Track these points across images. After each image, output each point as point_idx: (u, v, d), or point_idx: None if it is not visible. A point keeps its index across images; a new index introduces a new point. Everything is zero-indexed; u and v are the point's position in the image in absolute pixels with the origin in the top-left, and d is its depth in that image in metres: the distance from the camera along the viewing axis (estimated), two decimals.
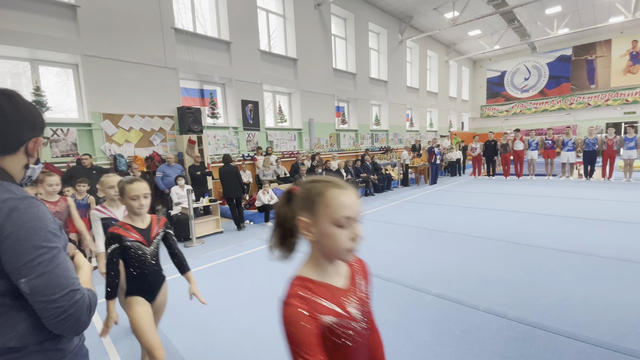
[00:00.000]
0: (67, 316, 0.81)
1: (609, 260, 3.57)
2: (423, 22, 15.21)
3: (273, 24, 10.31)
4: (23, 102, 0.90)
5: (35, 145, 0.93)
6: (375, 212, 6.91)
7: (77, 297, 0.83)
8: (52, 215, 0.89)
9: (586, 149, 9.63)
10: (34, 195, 0.87)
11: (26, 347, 0.83)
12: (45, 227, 0.83)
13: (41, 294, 0.79)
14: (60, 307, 0.80)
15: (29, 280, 0.79)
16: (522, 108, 21.27)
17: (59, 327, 0.82)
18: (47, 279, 0.80)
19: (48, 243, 0.82)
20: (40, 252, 0.80)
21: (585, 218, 5.39)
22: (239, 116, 8.68)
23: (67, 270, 0.85)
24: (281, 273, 3.66)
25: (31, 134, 0.91)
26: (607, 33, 17.78)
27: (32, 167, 0.94)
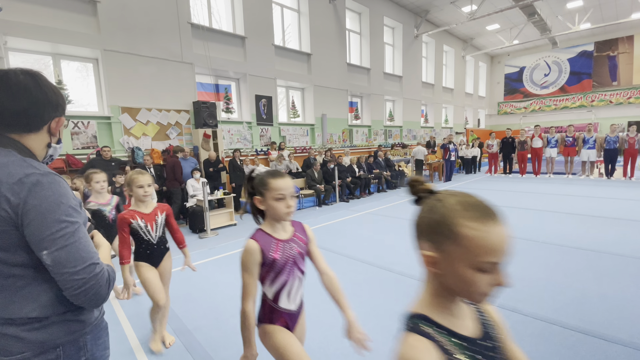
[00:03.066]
0: (87, 288, 0.84)
1: (628, 259, 3.46)
2: (439, 16, 14.91)
3: (287, 18, 10.32)
4: (47, 83, 0.93)
5: (57, 124, 0.96)
6: (389, 208, 6.88)
7: (97, 270, 0.87)
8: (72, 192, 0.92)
9: (607, 147, 9.29)
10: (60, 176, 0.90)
11: (48, 318, 0.87)
12: (67, 202, 0.86)
13: (63, 265, 0.82)
14: (82, 279, 0.83)
15: (51, 252, 0.81)
16: (541, 105, 20.62)
17: (79, 298, 0.85)
18: (69, 251, 0.83)
19: (70, 217, 0.85)
20: (62, 225, 0.83)
21: (605, 217, 5.22)
22: (253, 111, 8.76)
23: (87, 245, 0.88)
24: None
25: (54, 113, 0.94)
26: (629, 29, 17.00)
27: (54, 146, 0.97)
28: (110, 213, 2.96)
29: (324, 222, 5.84)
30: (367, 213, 6.49)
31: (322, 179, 8.06)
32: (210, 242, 4.98)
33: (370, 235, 4.84)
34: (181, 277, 3.54)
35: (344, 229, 5.32)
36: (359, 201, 8.02)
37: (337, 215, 6.39)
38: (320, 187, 7.66)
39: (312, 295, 2.42)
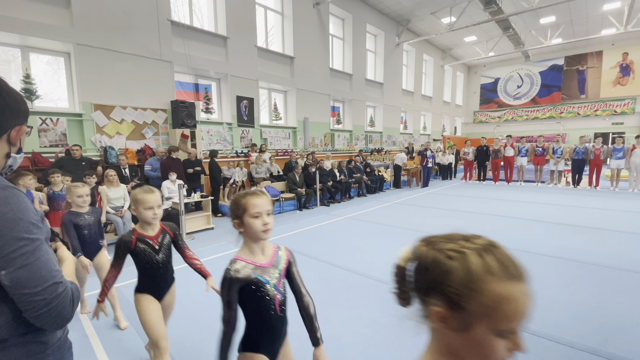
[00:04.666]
0: (49, 309, 0.80)
1: (592, 267, 3.65)
2: (420, 26, 15.32)
3: (271, 21, 10.26)
4: (7, 88, 0.86)
5: (18, 133, 0.89)
6: (368, 213, 6.94)
7: (59, 290, 0.82)
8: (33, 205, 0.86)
9: (575, 158, 9.84)
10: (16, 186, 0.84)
11: (7, 340, 0.82)
12: (26, 217, 0.80)
13: (22, 286, 0.77)
14: (43, 299, 0.79)
15: (9, 272, 0.76)
16: (514, 115, 21.60)
17: (40, 320, 0.80)
18: (29, 271, 0.78)
19: (29, 234, 0.80)
20: (21, 243, 0.78)
21: (571, 225, 5.51)
22: (234, 112, 8.63)
23: (49, 262, 0.83)
24: None
25: (15, 121, 0.87)
26: (598, 44, 18.17)
27: (14, 156, 0.91)
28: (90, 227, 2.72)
29: (304, 227, 5.81)
30: (346, 218, 6.52)
31: (304, 183, 8.03)
32: None
33: (349, 241, 4.86)
34: None
35: (323, 234, 5.31)
36: (340, 205, 8.06)
37: (317, 220, 6.38)
38: (301, 190, 7.63)
39: None
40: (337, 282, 3.31)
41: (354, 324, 2.55)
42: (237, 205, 1.22)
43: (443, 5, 12.99)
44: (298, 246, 4.61)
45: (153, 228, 1.88)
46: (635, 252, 4.08)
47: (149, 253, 1.83)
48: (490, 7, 11.36)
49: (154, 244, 1.83)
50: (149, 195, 1.80)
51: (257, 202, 1.21)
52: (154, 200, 1.80)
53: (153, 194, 1.81)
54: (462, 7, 12.65)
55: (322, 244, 4.73)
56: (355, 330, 2.46)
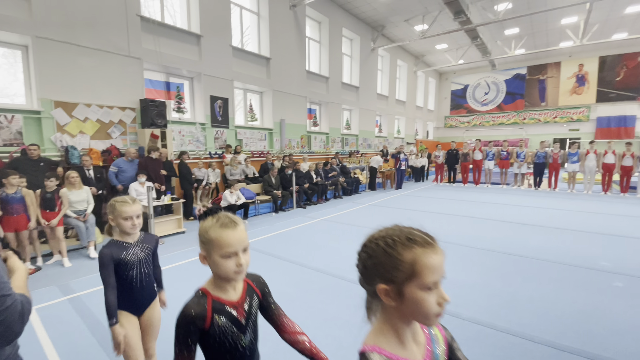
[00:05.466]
0: None
1: (550, 264, 3.90)
2: (394, 32, 15.73)
3: (247, 21, 10.14)
4: None
5: None
6: (344, 215, 7.01)
7: (8, 303, 0.76)
8: None
9: (536, 161, 10.49)
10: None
11: None
12: None
13: None
14: None
15: None
16: (482, 120, 22.69)
17: None
18: None
19: None
20: None
21: (533, 225, 5.86)
22: (207, 112, 8.42)
23: None
24: None
25: None
26: (557, 56, 19.50)
27: None
28: None
29: (280, 229, 5.77)
30: (322, 220, 6.54)
31: (280, 185, 7.98)
32: None
33: (325, 243, 4.88)
34: None
35: (299, 236, 5.30)
36: (316, 207, 8.07)
37: (293, 222, 6.35)
38: (277, 192, 7.57)
39: None
40: (312, 285, 3.31)
41: (328, 326, 2.56)
42: (205, 238, 0.99)
43: (416, 13, 13.42)
44: (273, 249, 4.57)
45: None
46: (589, 250, 4.40)
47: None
48: (459, 17, 11.87)
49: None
50: (127, 207, 1.63)
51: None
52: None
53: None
54: (434, 15, 13.14)
55: (298, 246, 4.72)
56: (328, 333, 2.47)
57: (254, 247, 4.65)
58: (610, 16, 13.80)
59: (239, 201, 6.31)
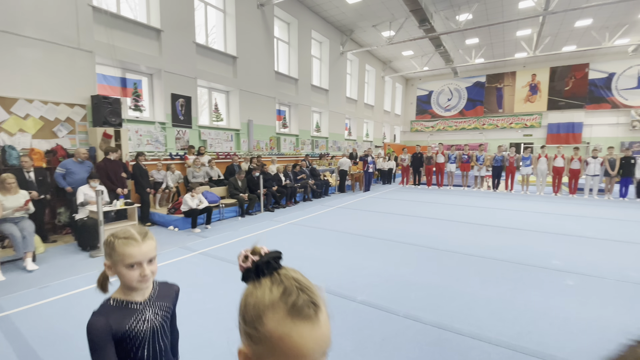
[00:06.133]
0: None
1: (508, 264, 4.06)
2: (363, 37, 15.99)
3: (212, 18, 9.79)
4: None
5: None
6: (312, 218, 6.91)
7: None
8: None
9: (494, 165, 11.09)
10: None
11: None
12: None
13: None
14: None
15: None
16: (445, 125, 23.75)
17: None
18: None
19: None
20: None
21: (491, 225, 6.12)
22: (168, 111, 7.98)
23: None
24: (206, 285, 3.38)
25: None
26: (513, 66, 20.88)
27: None
28: None
29: (244, 235, 5.55)
30: (290, 223, 6.41)
31: (246, 188, 7.73)
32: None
33: (291, 248, 4.75)
34: (56, 310, 2.91)
35: (264, 242, 5.04)
36: (285, 210, 7.91)
37: (260, 227, 6.15)
38: (243, 196, 7.32)
39: None
40: None
41: None
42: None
43: (383, 19, 13.73)
44: (234, 256, 4.34)
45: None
46: (542, 249, 4.65)
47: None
48: (424, 25, 12.29)
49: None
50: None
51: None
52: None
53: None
54: (400, 22, 13.51)
55: None
56: None
57: (212, 255, 4.41)
58: (561, 29, 14.96)
59: (201, 205, 6.00)
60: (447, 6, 12.66)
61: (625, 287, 3.36)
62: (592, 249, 4.66)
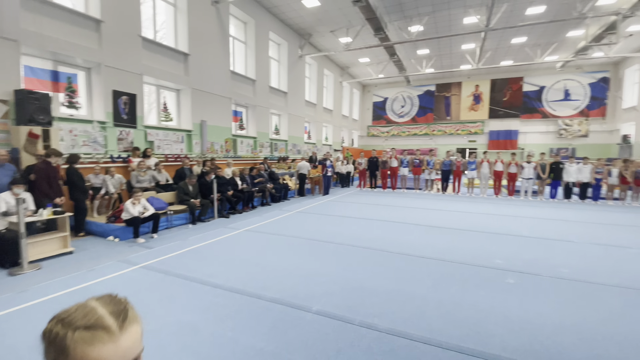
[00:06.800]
0: None
1: (457, 265, 4.25)
2: (321, 41, 16.13)
3: (161, 11, 9.18)
4: None
5: None
6: (270, 224, 6.72)
7: None
8: None
9: (443, 169, 11.78)
10: None
11: None
12: None
13: None
14: None
15: None
16: (399, 131, 24.92)
17: None
18: None
19: None
20: None
21: (440, 227, 6.43)
22: (109, 109, 7.27)
23: None
24: (147, 303, 3.06)
25: None
26: (459, 77, 22.58)
27: None
28: None
29: (194, 244, 5.19)
30: (247, 230, 6.15)
31: (198, 193, 7.30)
32: (24, 281, 3.69)
33: (246, 257, 4.54)
34: None
35: (216, 251, 4.84)
36: (241, 216, 7.61)
37: (212, 235, 5.81)
38: (195, 201, 6.89)
39: None
40: (224, 309, 2.96)
41: (238, 358, 2.27)
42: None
43: (340, 25, 13.96)
44: (182, 268, 4.04)
45: None
46: (486, 249, 4.96)
47: None
48: (379, 33, 12.72)
49: None
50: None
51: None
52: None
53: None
54: (357, 30, 13.84)
55: (213, 262, 4.28)
56: None
57: (156, 268, 4.05)
58: (499, 45, 16.42)
59: (147, 212, 5.52)
60: (401, 17, 13.25)
61: (558, 283, 3.68)
62: (528, 248, 5.08)
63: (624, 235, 5.97)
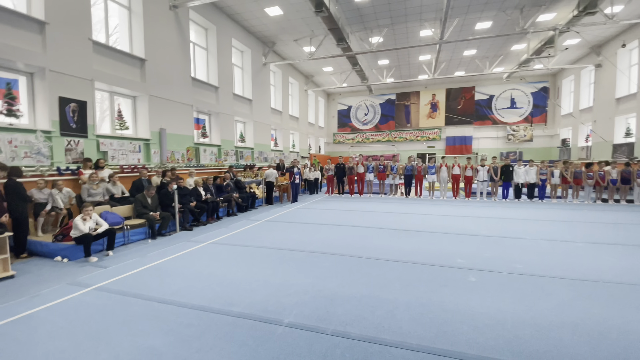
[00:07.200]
0: None
1: (421, 266, 4.39)
2: (285, 50, 16.18)
3: (114, 14, 8.68)
4: None
5: None
6: (237, 235, 6.50)
7: None
8: None
9: (406, 173, 12.26)
10: None
11: None
12: None
13: None
14: None
15: None
16: (363, 138, 25.67)
17: None
18: None
19: None
20: None
21: (406, 230, 6.63)
22: (55, 117, 6.68)
23: None
24: (100, 330, 2.80)
25: None
26: (417, 86, 23.82)
27: None
28: None
29: (154, 261, 4.87)
30: (212, 243, 5.90)
31: (158, 205, 6.90)
32: None
33: (211, 271, 4.33)
34: None
35: (179, 267, 4.57)
36: (205, 228, 7.30)
37: (174, 250, 5.50)
38: (154, 214, 6.50)
39: None
40: (189, 329, 2.78)
41: None
42: None
43: (304, 34, 14.12)
44: (142, 288, 3.77)
45: None
46: (449, 249, 5.18)
47: None
48: (341, 43, 13.04)
49: None
50: None
51: None
52: None
53: None
54: (320, 39, 14.08)
55: (176, 280, 4.04)
56: None
57: (111, 289, 3.74)
58: (453, 57, 17.54)
59: (100, 229, 5.10)
60: (362, 28, 13.70)
61: (515, 279, 3.93)
62: (486, 246, 5.39)
63: (568, 230, 6.56)
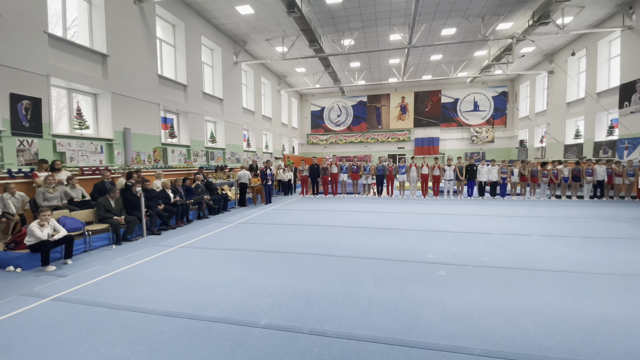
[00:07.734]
0: None
1: (394, 263, 4.51)
2: (257, 49, 15.97)
3: (73, 7, 8.14)
4: None
5: None
6: (208, 238, 6.31)
7: None
8: None
9: (378, 174, 12.56)
10: None
11: None
12: None
13: None
14: None
15: None
16: (336, 139, 25.93)
17: None
18: None
19: None
20: None
21: (378, 228, 6.79)
22: (6, 115, 6.14)
23: None
24: (60, 343, 2.61)
25: None
26: (387, 89, 24.47)
27: None
28: None
29: (120, 267, 4.61)
30: (181, 247, 5.69)
31: (122, 209, 6.54)
32: None
33: (182, 276, 4.18)
34: None
35: (147, 273, 4.36)
36: (174, 232, 7.02)
37: (141, 255, 5.24)
38: (118, 219, 6.16)
39: None
40: (159, 337, 2.66)
41: None
42: None
43: (276, 34, 14.03)
44: (106, 296, 3.55)
45: None
46: (419, 245, 5.36)
47: None
48: (314, 45, 13.09)
49: None
50: None
51: None
52: None
53: None
54: (292, 40, 14.05)
55: (144, 286, 3.85)
56: None
57: (72, 299, 3.50)
58: (421, 61, 18.20)
59: (57, 235, 4.75)
60: (333, 30, 13.85)
61: (481, 271, 4.15)
62: (454, 242, 5.64)
63: (527, 224, 7.03)
